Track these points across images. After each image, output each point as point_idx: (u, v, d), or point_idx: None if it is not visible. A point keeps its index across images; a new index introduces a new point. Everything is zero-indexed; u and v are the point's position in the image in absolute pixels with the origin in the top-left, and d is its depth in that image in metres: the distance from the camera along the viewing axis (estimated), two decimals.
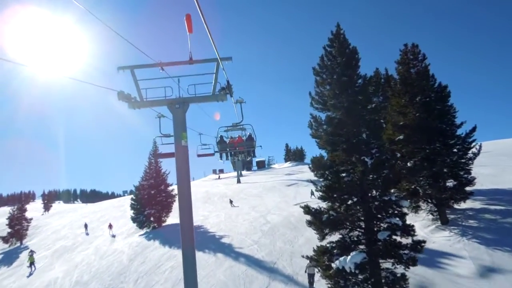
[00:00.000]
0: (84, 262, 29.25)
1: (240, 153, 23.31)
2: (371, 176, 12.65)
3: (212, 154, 17.80)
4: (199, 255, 24.53)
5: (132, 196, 37.91)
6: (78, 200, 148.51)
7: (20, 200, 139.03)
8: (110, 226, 38.33)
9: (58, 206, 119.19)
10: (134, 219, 35.74)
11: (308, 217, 14.29)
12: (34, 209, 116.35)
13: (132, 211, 36.32)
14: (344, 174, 13.22)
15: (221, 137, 19.45)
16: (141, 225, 35.42)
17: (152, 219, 35.50)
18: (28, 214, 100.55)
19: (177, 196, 32.65)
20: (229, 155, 22.18)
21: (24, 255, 38.86)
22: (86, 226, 43.09)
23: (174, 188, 38.64)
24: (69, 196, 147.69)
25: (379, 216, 12.63)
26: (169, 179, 39.71)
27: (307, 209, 14.14)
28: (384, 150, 13.14)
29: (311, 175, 53.75)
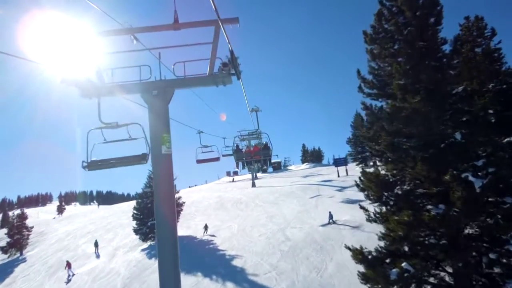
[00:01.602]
0: (75, 285, 24.90)
1: (257, 162, 21.14)
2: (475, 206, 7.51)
3: (217, 159, 13.71)
4: (205, 282, 19.78)
5: (134, 205, 33.36)
6: (94, 201, 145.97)
7: (37, 202, 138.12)
8: (69, 265, 28.24)
9: (72, 208, 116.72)
10: (136, 231, 31.24)
11: (360, 267, 9.19)
12: (49, 211, 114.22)
13: (135, 221, 31.85)
14: (414, 197, 8.17)
15: (237, 146, 18.83)
16: (144, 238, 30.91)
17: (156, 231, 30.96)
18: (42, 217, 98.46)
19: (184, 204, 27.78)
20: (245, 163, 20.78)
21: (19, 270, 34.92)
22: (96, 244, 33.18)
23: (181, 196, 34.08)
24: (86, 198, 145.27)
25: (493, 276, 7.54)
26: (176, 184, 35.34)
27: (359, 255, 9.07)
28: (499, 161, 7.89)
29: (330, 177, 48.38)
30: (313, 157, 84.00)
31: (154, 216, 6.16)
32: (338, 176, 47.21)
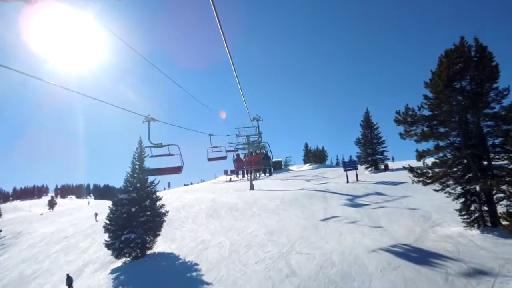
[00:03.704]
0: None
1: (257, 171, 15.91)
2: None
3: (178, 170, 11.64)
4: None
5: (109, 209, 26.94)
6: (91, 195, 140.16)
7: (32, 195, 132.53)
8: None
9: (67, 202, 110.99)
10: (109, 246, 25.16)
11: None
12: (42, 204, 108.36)
13: (107, 234, 25.78)
14: None
15: (238, 155, 14.57)
16: (118, 254, 24.87)
17: (132, 245, 24.91)
18: (33, 210, 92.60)
19: (167, 215, 22.24)
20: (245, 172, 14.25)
21: None
22: (69, 281, 21.51)
23: (164, 204, 27.96)
24: (82, 191, 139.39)
25: None
26: (158, 189, 29.34)
27: None
28: None
29: (337, 181, 42.38)
30: (316, 157, 77.84)
31: None
32: (347, 181, 41.06)
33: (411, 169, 19.79)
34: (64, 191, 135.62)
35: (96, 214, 46.22)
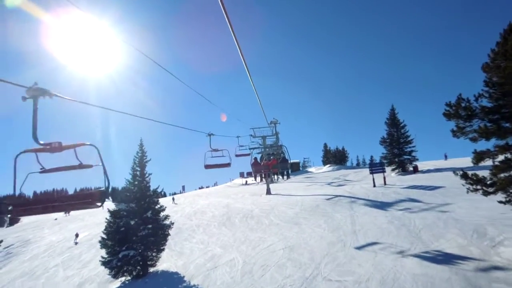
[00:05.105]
0: None
1: (274, 174, 7.18)
2: None
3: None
4: None
5: (106, 221, 23.64)
6: (110, 198, 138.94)
7: None
8: None
9: None
10: (105, 263, 21.88)
11: None
12: None
13: (104, 249, 22.52)
14: None
15: (255, 159, 7.74)
16: (116, 273, 21.56)
17: (132, 262, 21.56)
18: (51, 215, 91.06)
19: (172, 227, 18.79)
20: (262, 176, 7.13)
21: None
22: None
23: (168, 215, 24.55)
24: None
25: None
26: (161, 198, 25.95)
27: None
28: None
29: (362, 185, 36.97)
30: (335, 158, 73.13)
31: None
32: (374, 185, 36.69)
33: (464, 175, 15.64)
34: None
35: (76, 235, 38.23)
